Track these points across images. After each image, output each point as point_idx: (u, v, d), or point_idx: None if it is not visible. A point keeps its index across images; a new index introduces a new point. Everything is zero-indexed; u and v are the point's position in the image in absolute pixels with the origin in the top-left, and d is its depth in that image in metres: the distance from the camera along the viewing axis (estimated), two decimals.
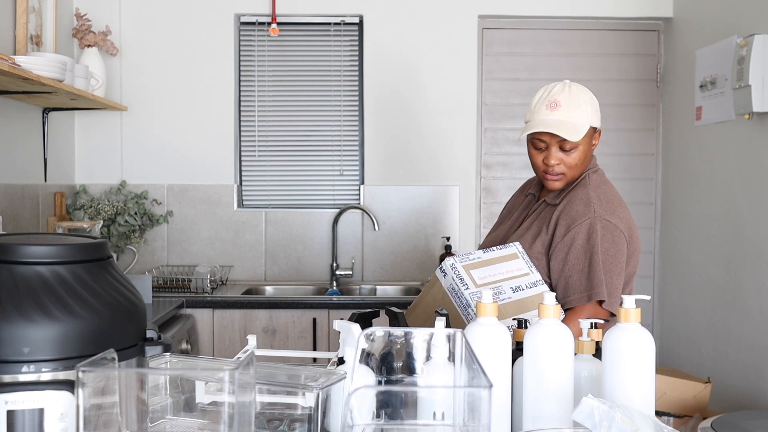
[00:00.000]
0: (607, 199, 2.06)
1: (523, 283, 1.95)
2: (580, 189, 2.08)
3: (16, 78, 2.59)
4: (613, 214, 2.02)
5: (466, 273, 1.92)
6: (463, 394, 1.17)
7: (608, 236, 1.99)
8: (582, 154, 2.07)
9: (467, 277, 1.91)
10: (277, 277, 3.95)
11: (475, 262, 1.96)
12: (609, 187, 2.12)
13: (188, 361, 1.48)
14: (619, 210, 2.06)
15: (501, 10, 3.94)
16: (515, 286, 1.94)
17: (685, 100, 3.70)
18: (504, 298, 1.88)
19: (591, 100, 2.08)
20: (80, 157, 3.89)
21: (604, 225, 2.00)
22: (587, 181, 2.10)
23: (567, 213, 2.04)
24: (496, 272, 1.95)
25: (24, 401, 1.10)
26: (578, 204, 2.04)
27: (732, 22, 3.26)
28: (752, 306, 3.11)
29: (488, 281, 1.92)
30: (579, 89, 2.08)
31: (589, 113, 2.06)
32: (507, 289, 1.92)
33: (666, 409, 1.86)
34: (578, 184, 2.10)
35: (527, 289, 1.94)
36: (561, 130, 2.03)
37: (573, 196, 2.07)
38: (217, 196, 3.93)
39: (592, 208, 2.01)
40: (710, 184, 3.48)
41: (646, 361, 1.30)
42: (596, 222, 2.00)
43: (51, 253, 1.18)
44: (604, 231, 1.99)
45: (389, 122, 3.93)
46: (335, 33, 3.98)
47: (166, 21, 3.87)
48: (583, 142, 2.06)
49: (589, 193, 2.05)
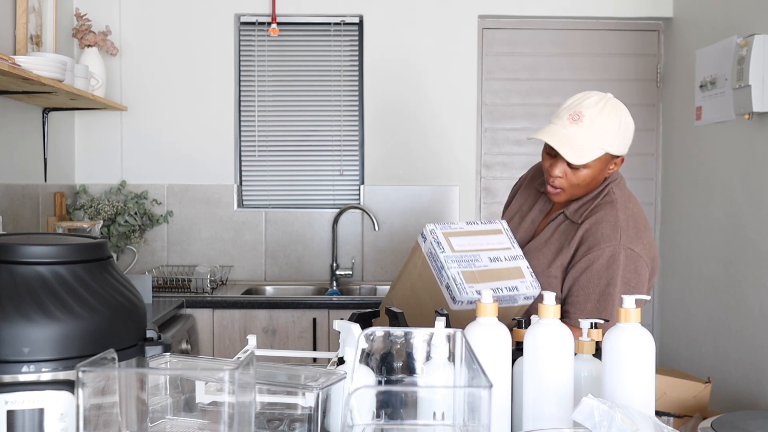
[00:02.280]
0: (635, 224, 1.97)
1: (502, 255, 1.95)
2: (608, 209, 1.98)
3: (16, 78, 2.59)
4: (638, 242, 1.94)
5: (444, 239, 1.93)
6: (463, 394, 1.17)
7: (631, 266, 1.92)
8: (590, 177, 1.97)
9: (445, 242, 1.92)
10: (277, 277, 3.95)
11: (456, 231, 1.96)
12: (635, 204, 2.03)
13: (188, 361, 1.48)
14: (645, 235, 1.98)
15: (501, 10, 3.94)
16: (493, 257, 1.94)
17: (685, 100, 3.70)
18: (480, 266, 1.89)
19: (620, 125, 1.95)
20: (80, 157, 3.89)
21: (628, 255, 1.92)
22: (613, 197, 2.00)
23: (593, 234, 1.95)
24: (476, 242, 1.95)
25: (24, 401, 1.10)
26: (605, 227, 1.95)
27: (732, 22, 3.26)
28: (752, 306, 3.11)
29: (466, 249, 1.93)
30: (613, 110, 1.95)
31: (609, 140, 1.94)
32: (484, 258, 1.92)
33: (666, 409, 1.86)
34: (604, 201, 1.99)
35: (505, 261, 1.95)
36: (565, 148, 1.93)
37: (600, 218, 1.96)
38: (217, 196, 3.93)
39: (618, 235, 1.93)
40: (710, 184, 3.48)
41: (646, 361, 1.30)
42: (620, 251, 1.92)
43: (51, 253, 1.18)
44: (627, 261, 1.92)
45: (389, 122, 3.93)
46: (335, 33, 3.98)
47: (166, 21, 3.87)
48: (595, 165, 1.96)
49: (618, 216, 1.96)
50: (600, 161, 1.96)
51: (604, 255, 1.92)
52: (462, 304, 1.87)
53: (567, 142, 1.92)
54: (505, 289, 1.90)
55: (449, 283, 1.87)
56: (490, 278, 1.89)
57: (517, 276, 1.93)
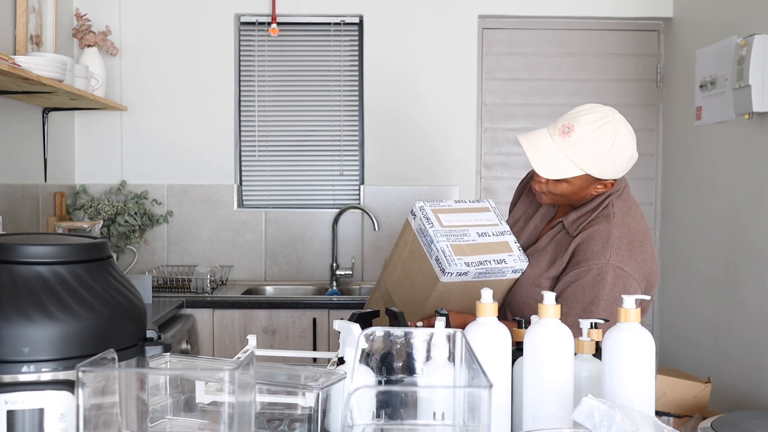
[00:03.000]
0: (628, 240, 1.90)
1: (490, 230, 2.00)
2: (603, 223, 1.92)
3: (16, 78, 2.59)
4: (630, 260, 1.88)
5: (433, 215, 1.97)
6: (463, 394, 1.17)
7: (619, 285, 1.86)
8: (569, 191, 1.93)
9: (434, 218, 1.96)
10: (277, 277, 3.95)
11: (445, 208, 2.01)
12: (633, 219, 1.95)
13: (188, 361, 1.48)
14: (639, 251, 1.90)
15: (501, 10, 3.94)
16: (481, 232, 1.98)
17: (685, 100, 3.70)
18: (468, 240, 1.93)
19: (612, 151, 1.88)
20: (80, 157, 3.89)
21: (617, 274, 1.86)
22: (610, 211, 1.95)
23: (582, 249, 1.91)
24: (465, 219, 2.00)
25: (24, 401, 1.10)
26: (596, 244, 1.89)
27: (732, 22, 3.26)
28: (752, 306, 3.11)
29: (455, 224, 1.97)
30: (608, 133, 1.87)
31: (593, 162, 1.87)
32: (472, 233, 1.96)
33: (666, 409, 1.86)
34: (601, 214, 1.95)
35: (493, 236, 1.99)
36: (537, 159, 1.88)
37: (593, 233, 1.91)
38: (217, 196, 3.93)
39: (608, 253, 1.86)
40: (710, 184, 3.48)
41: (646, 361, 1.30)
42: (608, 270, 1.86)
43: (51, 253, 1.18)
44: (615, 280, 1.86)
45: (389, 122, 3.93)
46: (335, 33, 3.98)
47: (166, 21, 3.87)
48: (574, 182, 1.91)
49: (611, 233, 1.89)
50: (581, 180, 1.91)
51: (591, 272, 1.87)
52: (451, 276, 1.91)
53: (543, 154, 1.88)
54: (494, 262, 1.94)
55: (438, 255, 1.91)
56: (479, 251, 1.93)
57: (505, 250, 1.97)
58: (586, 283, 1.87)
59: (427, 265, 1.95)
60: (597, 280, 1.86)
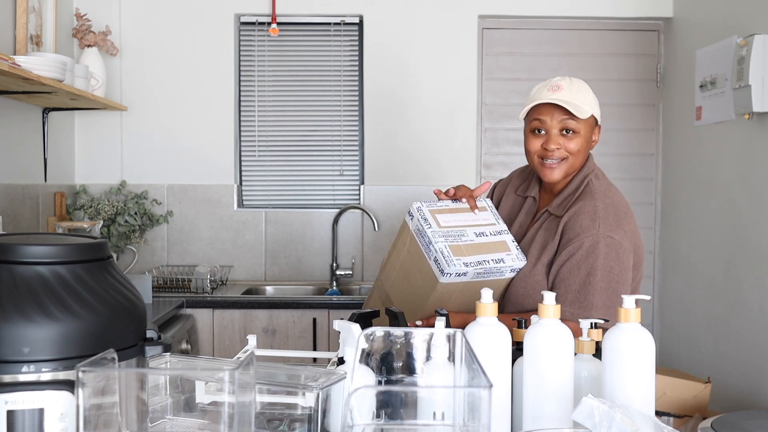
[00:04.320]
0: (614, 211, 1.97)
1: (487, 230, 2.01)
2: (587, 200, 1.98)
3: (16, 78, 2.59)
4: (618, 229, 1.94)
5: (431, 216, 1.98)
6: (463, 394, 1.17)
7: (612, 254, 1.92)
8: (583, 144, 2.00)
9: (432, 219, 1.98)
10: (277, 277, 3.95)
11: (443, 209, 2.02)
12: (615, 193, 2.03)
13: (188, 361, 1.48)
14: (625, 222, 1.97)
15: (501, 10, 3.94)
16: (479, 232, 2.00)
17: (685, 100, 3.70)
18: (466, 240, 1.95)
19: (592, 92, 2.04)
20: (80, 157, 3.89)
21: (608, 243, 1.91)
22: (592, 188, 2.01)
23: (571, 226, 1.95)
24: (462, 219, 2.01)
25: (24, 401, 1.10)
26: (584, 217, 1.95)
27: (732, 22, 3.26)
28: (752, 306, 3.11)
29: (452, 225, 1.98)
30: (581, 82, 2.04)
31: (591, 101, 2.01)
32: (470, 233, 1.98)
33: (666, 409, 1.86)
34: (583, 192, 2.00)
35: (491, 235, 2.00)
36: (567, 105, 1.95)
37: (579, 209, 1.97)
38: (217, 196, 3.93)
39: (597, 224, 1.92)
40: (710, 184, 3.48)
41: (646, 361, 1.30)
42: (600, 240, 1.91)
43: (51, 253, 1.18)
44: (608, 249, 1.91)
45: (389, 122, 3.93)
46: (335, 33, 3.98)
47: (166, 21, 3.87)
48: (585, 131, 2.00)
49: (597, 206, 1.96)
50: (587, 127, 2.01)
51: (584, 246, 1.92)
52: (450, 276, 1.91)
53: (565, 103, 1.96)
54: (492, 261, 1.95)
55: (437, 256, 1.91)
56: (477, 251, 1.94)
57: (502, 249, 1.98)
58: (581, 256, 1.92)
59: (426, 265, 1.95)
60: (590, 251, 1.91)
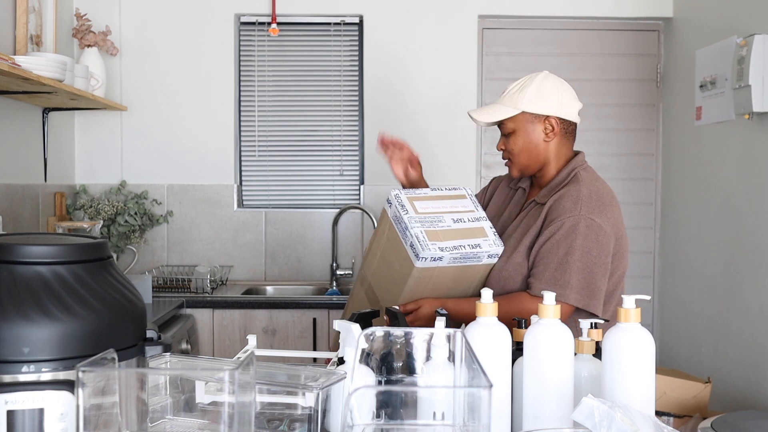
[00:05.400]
0: (598, 197, 2.01)
1: (465, 217, 2.03)
2: (572, 185, 2.03)
3: (16, 78, 2.59)
4: (600, 214, 1.98)
5: (408, 202, 2.00)
6: (463, 394, 1.17)
7: (592, 236, 1.95)
8: (521, 141, 2.08)
9: (409, 205, 1.99)
10: (277, 277, 3.94)
11: (421, 196, 2.04)
12: (602, 184, 2.07)
13: (188, 361, 1.48)
14: (609, 210, 2.01)
15: (501, 10, 3.94)
16: (457, 218, 2.01)
17: (685, 100, 3.70)
18: (443, 226, 1.96)
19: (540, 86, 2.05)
20: (80, 157, 3.89)
21: (588, 224, 1.95)
22: (579, 177, 2.06)
23: (555, 208, 2.01)
24: (440, 206, 2.02)
25: (24, 401, 1.10)
26: (567, 200, 1.99)
27: (732, 22, 3.26)
28: (752, 306, 3.11)
29: (429, 211, 2.00)
30: (535, 76, 2.08)
31: (526, 98, 2.04)
32: (447, 219, 1.99)
33: (666, 409, 1.86)
34: (570, 180, 2.06)
35: (468, 222, 2.02)
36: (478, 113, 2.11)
37: (564, 193, 2.02)
38: (217, 196, 3.92)
39: (579, 206, 1.97)
40: (710, 184, 3.48)
41: (646, 361, 1.30)
42: (580, 221, 1.95)
43: (51, 253, 1.18)
44: (587, 231, 1.95)
45: (389, 122, 3.93)
46: (335, 33, 3.98)
47: (166, 21, 3.87)
48: (521, 129, 2.07)
49: (581, 190, 2.00)
50: (522, 123, 2.07)
51: (564, 225, 1.96)
52: (425, 261, 1.92)
53: (481, 109, 2.13)
54: (468, 247, 1.95)
55: (413, 241, 1.92)
56: (454, 237, 1.95)
57: (480, 235, 2.00)
58: (560, 236, 1.96)
59: (403, 251, 1.97)
60: (570, 231, 1.95)
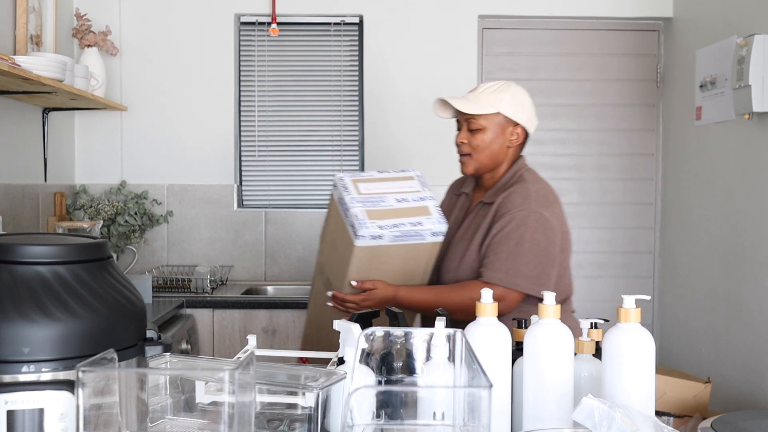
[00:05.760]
0: (544, 195, 2.12)
1: (410, 197, 2.06)
2: (519, 184, 2.13)
3: (16, 78, 2.59)
4: (547, 209, 2.08)
5: (352, 184, 2.03)
6: (463, 394, 1.17)
7: (541, 229, 2.05)
8: (489, 139, 2.14)
9: (352, 187, 2.02)
10: (277, 277, 3.94)
11: (366, 178, 2.07)
12: (545, 184, 2.18)
13: (188, 361, 1.48)
14: (554, 206, 2.12)
15: (501, 10, 3.94)
16: (401, 198, 2.05)
17: (685, 100, 3.70)
18: (385, 206, 1.99)
19: (513, 95, 2.15)
20: (80, 157, 3.89)
21: (537, 218, 2.05)
22: (524, 177, 2.16)
23: (504, 204, 2.09)
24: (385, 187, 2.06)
25: (24, 401, 1.10)
26: (516, 197, 2.09)
27: (732, 22, 3.26)
28: (752, 306, 3.11)
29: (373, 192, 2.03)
30: (505, 84, 2.17)
31: (504, 101, 2.13)
32: (390, 199, 2.02)
33: (666, 409, 1.86)
34: (516, 180, 2.15)
35: (412, 201, 2.05)
36: (458, 101, 2.12)
37: (512, 191, 2.11)
38: (217, 196, 3.92)
39: (528, 202, 2.07)
40: (710, 184, 3.48)
41: (646, 361, 1.30)
42: (530, 215, 2.05)
43: (51, 253, 1.18)
44: (537, 224, 2.05)
45: (389, 122, 3.93)
46: (335, 33, 3.98)
47: (165, 21, 3.87)
48: (491, 128, 2.14)
49: (529, 188, 2.10)
50: (495, 124, 2.14)
51: (515, 218, 2.05)
52: (364, 239, 1.94)
53: (460, 99, 2.16)
54: (409, 224, 1.98)
55: (352, 221, 1.95)
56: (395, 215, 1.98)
57: (423, 213, 2.03)
58: (511, 228, 2.05)
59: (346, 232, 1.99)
60: (520, 223, 2.05)
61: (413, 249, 2.00)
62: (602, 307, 3.88)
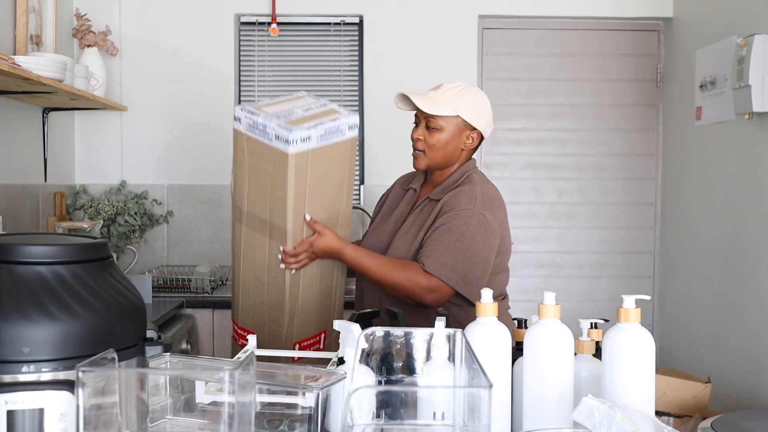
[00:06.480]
0: (489, 198, 2.17)
1: (313, 106, 2.13)
2: (467, 185, 2.17)
3: (16, 78, 2.59)
4: (491, 212, 2.13)
5: (257, 109, 2.07)
6: (463, 394, 1.17)
7: (481, 230, 2.10)
8: (445, 140, 2.18)
9: (258, 111, 2.06)
10: None
11: (265, 104, 2.12)
12: (492, 186, 2.23)
13: (188, 361, 1.48)
14: (497, 210, 2.17)
15: (501, 10, 3.94)
16: (306, 108, 2.11)
17: (685, 100, 3.70)
18: (296, 115, 2.04)
19: (474, 98, 2.19)
20: (80, 157, 3.88)
21: (480, 219, 2.10)
22: (472, 178, 2.21)
23: (449, 203, 2.14)
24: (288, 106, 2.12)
25: (24, 401, 1.10)
26: (463, 197, 2.13)
27: (732, 22, 3.26)
28: (752, 306, 3.11)
29: (279, 110, 2.07)
30: (469, 87, 2.22)
31: (461, 103, 2.17)
32: (298, 111, 2.08)
33: (666, 409, 1.86)
34: (464, 181, 2.20)
35: (318, 108, 2.12)
36: (419, 99, 2.14)
37: (459, 191, 2.16)
38: (217, 196, 3.92)
39: (474, 203, 2.11)
40: (710, 184, 3.48)
41: (646, 361, 1.30)
42: (474, 216, 2.10)
43: (51, 253, 1.18)
44: (478, 225, 2.10)
45: (389, 122, 3.93)
46: (335, 33, 3.98)
47: (166, 21, 3.87)
48: (449, 130, 2.17)
49: (475, 190, 2.15)
50: (453, 126, 2.18)
51: (458, 217, 2.10)
52: (297, 144, 1.97)
53: (423, 96, 2.18)
54: (328, 121, 2.05)
55: (277, 132, 1.98)
56: (311, 119, 2.04)
57: (333, 113, 2.10)
58: (453, 224, 2.10)
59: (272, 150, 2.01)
60: (463, 221, 2.10)
61: (338, 149, 2.08)
62: (602, 307, 3.89)
